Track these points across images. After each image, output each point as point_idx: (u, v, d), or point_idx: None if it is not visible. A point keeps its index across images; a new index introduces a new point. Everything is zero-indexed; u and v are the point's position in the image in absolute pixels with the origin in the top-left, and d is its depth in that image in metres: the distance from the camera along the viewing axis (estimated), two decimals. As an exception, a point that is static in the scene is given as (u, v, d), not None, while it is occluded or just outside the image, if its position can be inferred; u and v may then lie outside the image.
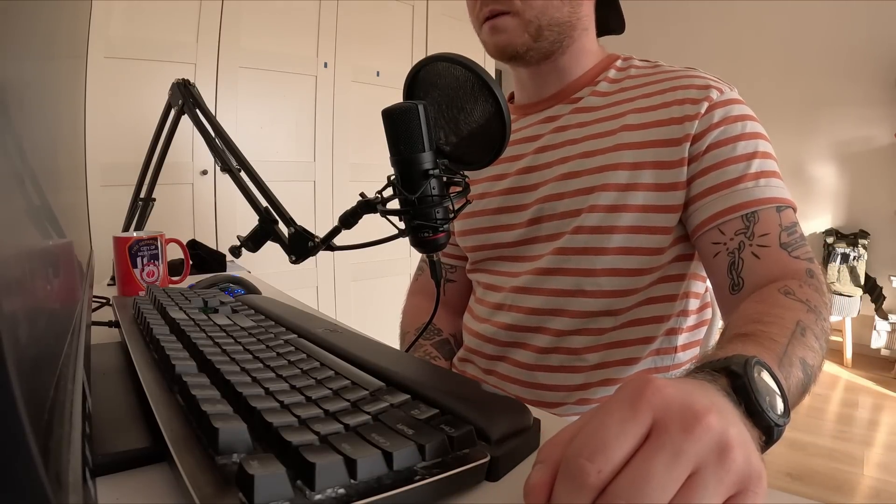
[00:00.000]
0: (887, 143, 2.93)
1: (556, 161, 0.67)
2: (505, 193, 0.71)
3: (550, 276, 0.66)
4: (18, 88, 0.20)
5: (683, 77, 0.63)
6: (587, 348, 0.65)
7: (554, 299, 0.66)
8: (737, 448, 0.23)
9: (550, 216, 0.66)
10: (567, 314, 0.65)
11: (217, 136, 0.71)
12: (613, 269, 0.63)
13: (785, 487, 1.72)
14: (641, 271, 0.63)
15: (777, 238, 0.55)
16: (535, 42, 0.65)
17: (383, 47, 2.45)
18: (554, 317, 0.66)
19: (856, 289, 2.90)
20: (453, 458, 0.29)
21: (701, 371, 0.33)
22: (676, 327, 0.66)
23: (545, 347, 0.66)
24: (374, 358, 0.43)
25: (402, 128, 0.47)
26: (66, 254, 0.36)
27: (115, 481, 0.31)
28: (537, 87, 0.72)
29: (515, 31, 0.64)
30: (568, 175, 0.65)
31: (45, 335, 0.20)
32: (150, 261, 0.81)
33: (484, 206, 0.73)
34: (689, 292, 0.66)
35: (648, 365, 0.65)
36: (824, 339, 0.46)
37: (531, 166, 0.69)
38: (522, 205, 0.69)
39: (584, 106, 0.68)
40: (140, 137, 1.03)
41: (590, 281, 0.64)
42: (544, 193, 0.67)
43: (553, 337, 0.66)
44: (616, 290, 0.63)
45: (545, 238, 0.67)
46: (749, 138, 0.59)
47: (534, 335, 0.67)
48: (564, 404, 0.66)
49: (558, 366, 0.66)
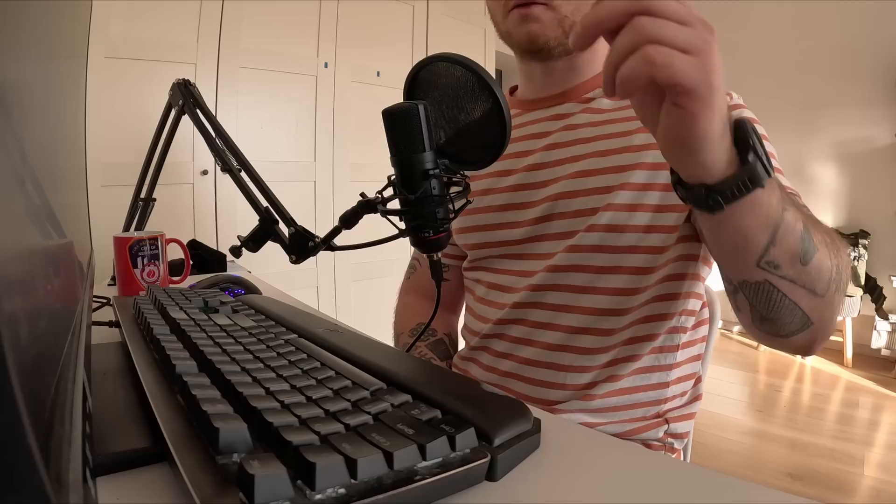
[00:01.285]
0: (887, 143, 2.93)
1: (568, 159, 0.67)
2: (512, 190, 0.71)
3: (565, 273, 0.66)
4: (18, 88, 0.20)
5: None
6: (596, 347, 0.65)
7: (568, 295, 0.66)
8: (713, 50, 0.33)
9: (563, 214, 0.66)
10: (578, 311, 0.65)
11: (217, 136, 0.71)
12: (625, 266, 0.63)
13: (785, 487, 1.72)
14: (649, 269, 0.63)
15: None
16: (566, 38, 0.65)
17: (383, 47, 2.45)
18: (566, 313, 0.66)
19: (856, 289, 2.90)
20: (453, 458, 0.29)
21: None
22: (678, 326, 0.66)
23: (555, 345, 0.66)
24: (374, 358, 0.43)
25: (402, 128, 0.47)
26: (67, 254, 0.36)
27: (115, 481, 0.31)
28: (546, 84, 0.72)
29: (550, 24, 0.64)
30: (581, 173, 0.65)
31: (45, 335, 0.20)
32: (151, 261, 0.81)
33: (488, 203, 0.72)
34: (690, 292, 0.66)
35: (650, 362, 0.65)
36: (819, 237, 0.45)
37: (540, 163, 0.69)
38: (530, 202, 0.69)
39: (595, 107, 0.68)
40: (140, 137, 1.04)
41: (601, 278, 0.64)
42: (556, 191, 0.67)
43: (565, 334, 0.66)
44: (626, 288, 0.64)
45: (554, 236, 0.67)
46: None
47: (544, 332, 0.67)
48: (569, 401, 0.66)
49: (567, 365, 0.66)
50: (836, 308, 0.49)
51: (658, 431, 0.66)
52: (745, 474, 1.80)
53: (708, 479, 0.33)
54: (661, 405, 0.66)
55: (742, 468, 1.85)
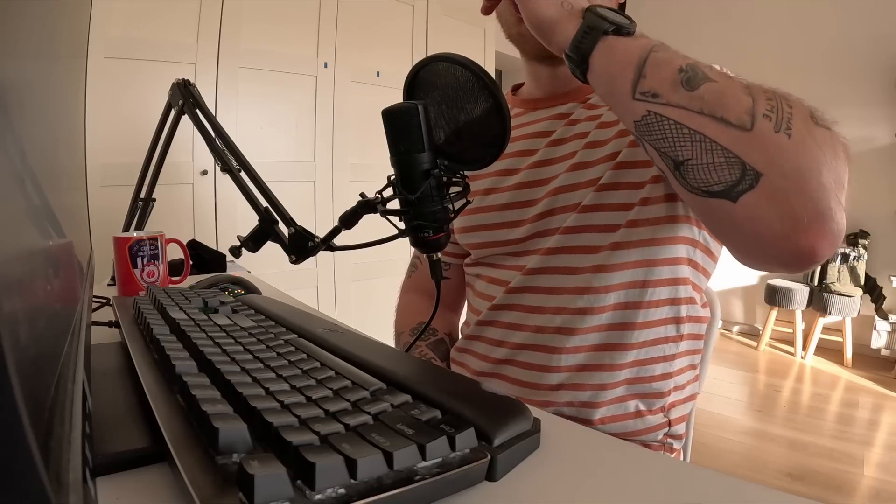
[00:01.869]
0: (887, 143, 2.93)
1: (567, 154, 0.68)
2: (515, 188, 0.71)
3: (555, 256, 0.66)
4: (18, 88, 0.20)
5: None
6: (584, 327, 0.65)
7: (559, 277, 0.66)
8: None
9: (564, 207, 0.66)
10: (567, 311, 0.65)
11: (217, 136, 0.71)
12: (608, 244, 0.63)
13: (785, 487, 1.72)
14: (628, 244, 0.63)
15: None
16: None
17: (383, 47, 2.45)
18: (556, 295, 0.66)
19: (856, 289, 2.90)
20: (453, 458, 0.29)
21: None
22: (682, 316, 0.66)
23: (546, 327, 0.66)
24: (374, 358, 0.44)
25: (402, 128, 0.47)
26: (66, 254, 0.36)
27: (115, 481, 0.31)
28: (554, 85, 0.73)
29: None
30: (578, 165, 0.66)
31: (45, 335, 0.20)
32: (151, 261, 0.81)
33: (491, 202, 0.72)
34: (695, 284, 0.66)
35: (643, 356, 0.65)
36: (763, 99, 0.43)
37: (544, 160, 0.69)
38: (533, 199, 0.69)
39: (595, 103, 0.69)
40: (140, 137, 1.04)
41: (587, 258, 0.64)
42: (556, 185, 0.67)
43: (554, 315, 0.66)
44: (606, 264, 0.64)
45: (555, 231, 0.67)
46: None
47: (536, 315, 0.67)
48: (554, 404, 0.65)
49: (558, 347, 0.65)
50: (785, 149, 0.41)
51: (658, 434, 0.66)
52: (745, 474, 1.80)
53: (708, 479, 0.33)
54: (664, 398, 0.66)
55: (742, 468, 1.85)
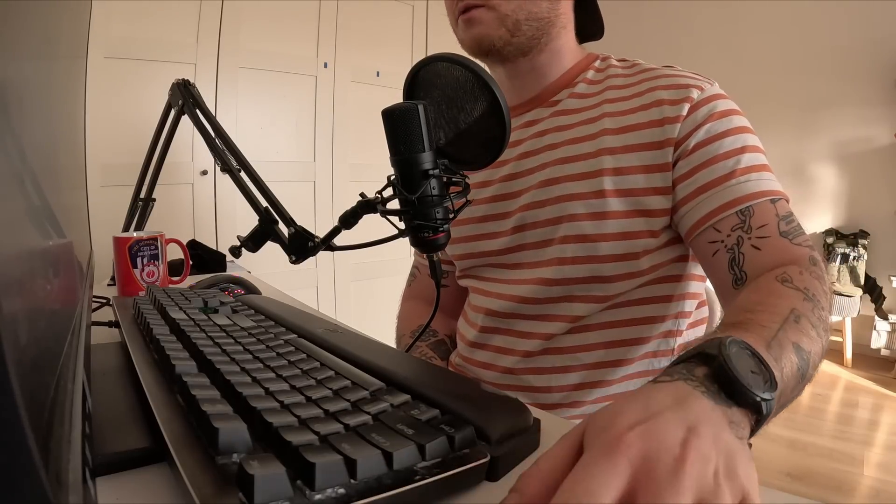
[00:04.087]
0: (887, 143, 2.93)
1: (537, 167, 0.66)
2: (490, 201, 0.71)
3: (546, 287, 0.65)
4: (18, 88, 0.20)
5: (661, 77, 0.63)
6: (579, 347, 0.64)
7: (549, 306, 0.65)
8: (732, 468, 0.24)
9: (535, 223, 0.66)
10: (559, 319, 0.65)
11: (217, 136, 0.71)
12: (605, 276, 0.62)
13: (785, 487, 1.72)
14: (631, 275, 0.62)
15: (776, 227, 0.54)
16: (513, 37, 0.64)
17: (383, 48, 2.45)
18: (547, 322, 0.66)
19: (856, 289, 2.90)
20: (453, 458, 0.29)
21: (677, 364, 0.33)
22: (673, 329, 0.66)
23: (535, 351, 0.66)
24: (374, 358, 0.43)
25: (401, 128, 0.47)
26: (66, 254, 0.36)
27: (115, 481, 0.31)
28: (516, 89, 0.71)
29: (492, 24, 0.64)
30: (548, 182, 0.65)
31: (45, 335, 0.20)
32: (150, 261, 0.81)
33: (470, 214, 0.72)
34: (686, 293, 0.66)
35: (644, 367, 0.65)
36: (822, 328, 0.44)
37: (514, 173, 0.69)
38: (506, 212, 0.69)
39: (562, 109, 0.67)
40: (140, 137, 1.04)
41: (580, 287, 0.63)
42: (526, 201, 0.66)
43: (543, 342, 0.66)
44: (608, 295, 0.63)
45: (532, 245, 0.67)
46: (735, 133, 0.58)
47: (525, 341, 0.67)
48: (560, 406, 0.65)
49: (549, 367, 0.66)
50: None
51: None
52: (745, 474, 1.79)
53: (707, 479, 0.33)
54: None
55: (742, 468, 1.85)
